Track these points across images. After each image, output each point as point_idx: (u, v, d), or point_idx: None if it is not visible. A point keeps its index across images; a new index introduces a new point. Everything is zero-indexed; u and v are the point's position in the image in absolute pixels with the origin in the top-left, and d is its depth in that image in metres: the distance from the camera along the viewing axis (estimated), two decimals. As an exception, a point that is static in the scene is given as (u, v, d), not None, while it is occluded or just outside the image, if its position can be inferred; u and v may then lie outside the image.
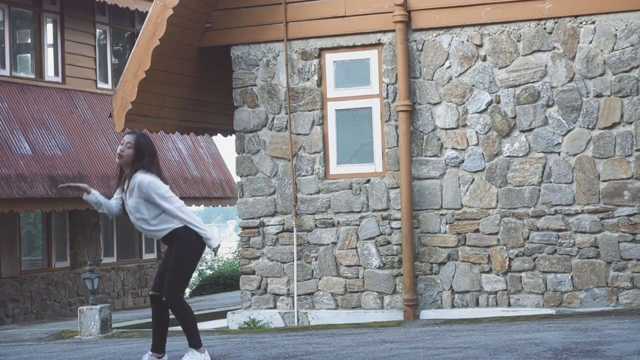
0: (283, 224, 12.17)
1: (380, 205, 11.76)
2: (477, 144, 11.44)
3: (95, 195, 7.73)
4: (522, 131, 11.27)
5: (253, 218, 12.33)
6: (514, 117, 11.31)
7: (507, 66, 11.35)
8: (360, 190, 11.84)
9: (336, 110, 12.05)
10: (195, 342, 7.57)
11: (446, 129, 11.55)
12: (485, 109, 11.42)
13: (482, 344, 7.95)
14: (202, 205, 23.64)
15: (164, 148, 21.86)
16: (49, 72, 20.18)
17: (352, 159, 12.01)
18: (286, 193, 12.17)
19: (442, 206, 11.55)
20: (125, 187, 7.62)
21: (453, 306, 11.45)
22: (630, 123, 10.90)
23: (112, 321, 12.42)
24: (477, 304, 11.37)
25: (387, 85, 11.76)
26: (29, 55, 20.20)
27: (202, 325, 14.05)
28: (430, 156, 11.60)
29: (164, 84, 12.54)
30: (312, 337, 9.62)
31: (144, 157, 7.57)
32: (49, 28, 20.29)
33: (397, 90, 11.66)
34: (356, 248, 11.86)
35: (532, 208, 11.20)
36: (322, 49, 12.11)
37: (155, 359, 7.64)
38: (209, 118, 14.33)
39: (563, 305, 11.05)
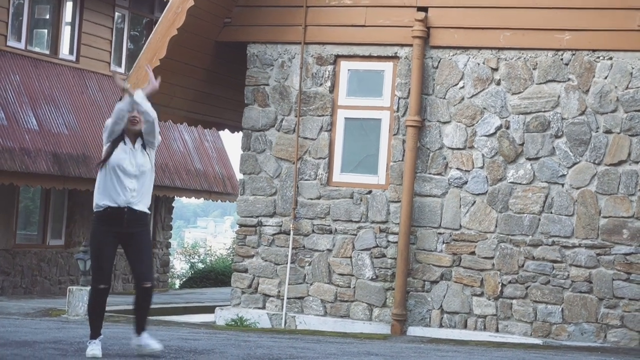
0: (281, 226, 12.17)
1: (379, 217, 11.76)
2: (482, 167, 11.43)
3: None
4: (528, 159, 11.27)
5: (251, 217, 12.33)
6: (522, 144, 11.30)
7: (520, 92, 11.35)
8: (361, 200, 11.84)
9: (345, 118, 12.05)
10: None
11: (453, 149, 11.55)
12: (494, 133, 11.41)
13: (467, 367, 7.94)
14: (202, 199, 23.65)
15: (169, 137, 21.88)
16: (64, 49, 20.20)
17: (356, 169, 12.01)
18: (287, 195, 12.17)
19: (440, 225, 11.54)
20: (134, 144, 7.62)
21: (441, 326, 11.44)
22: (637, 162, 10.89)
23: (100, 304, 12.39)
24: (465, 326, 11.36)
25: (399, 99, 11.77)
26: (45, 31, 20.22)
27: (189, 318, 14.06)
28: (434, 174, 11.60)
29: (177, 74, 12.55)
30: (298, 342, 9.62)
31: None
32: (69, 6, 20.31)
33: (408, 105, 11.66)
34: (351, 257, 11.85)
35: (530, 236, 11.20)
36: (338, 56, 12.12)
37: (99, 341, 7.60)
38: (218, 113, 14.34)
39: (551, 336, 11.04)
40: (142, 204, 7.58)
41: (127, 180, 7.53)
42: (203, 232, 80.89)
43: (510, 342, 10.89)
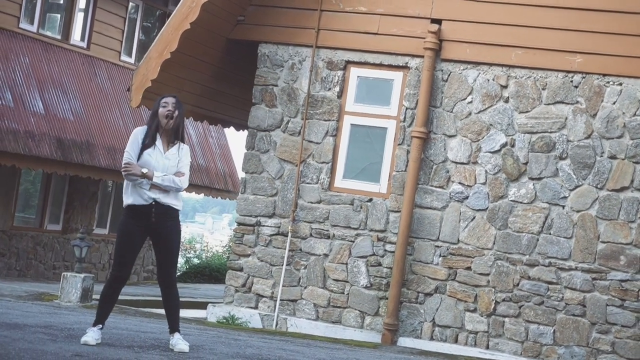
0: (279, 227, 12.17)
1: (378, 225, 11.75)
2: (484, 183, 11.43)
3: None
4: (531, 178, 11.26)
5: (250, 216, 12.32)
6: (526, 163, 11.30)
7: (527, 112, 11.35)
8: (361, 207, 11.83)
9: (352, 124, 12.05)
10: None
11: (456, 163, 11.54)
12: (499, 150, 11.41)
13: (455, 381, 7.93)
14: (202, 194, 23.66)
15: (174, 131, 21.84)
16: (76, 36, 20.23)
17: (358, 175, 12.01)
18: (287, 197, 12.16)
19: (438, 238, 11.53)
20: (163, 148, 7.66)
21: (432, 338, 11.43)
22: (639, 190, 10.89)
23: (93, 292, 12.41)
24: (456, 341, 11.35)
25: (407, 109, 11.76)
26: (58, 15, 20.25)
27: (180, 313, 14.03)
28: (436, 186, 11.59)
29: (187, 68, 12.56)
30: (288, 344, 9.61)
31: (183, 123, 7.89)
32: (83, -8, 20.34)
33: (415, 115, 11.66)
34: (347, 264, 11.84)
35: (527, 256, 11.19)
36: (348, 62, 12.11)
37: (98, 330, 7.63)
38: (225, 110, 14.35)
39: (540, 357, 11.02)
40: (170, 199, 7.62)
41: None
42: (200, 227, 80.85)
43: (500, 359, 10.89)
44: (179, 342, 7.65)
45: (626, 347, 10.76)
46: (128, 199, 7.63)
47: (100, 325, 7.60)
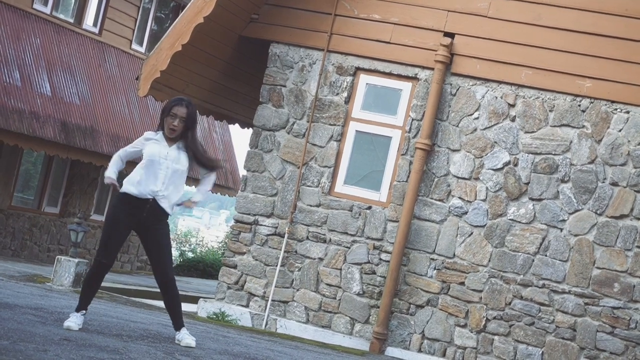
0: (276, 228, 12.16)
1: (375, 234, 11.75)
2: (484, 200, 11.42)
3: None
4: (532, 199, 11.26)
5: (249, 214, 12.32)
6: (527, 183, 11.30)
7: (533, 132, 11.35)
8: (360, 214, 11.83)
9: (357, 131, 12.05)
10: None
11: (458, 177, 11.54)
12: (501, 168, 11.41)
13: (440, 395, 7.92)
14: (202, 188, 23.61)
15: (179, 123, 21.86)
16: (88, 20, 20.23)
17: (359, 182, 12.00)
18: (287, 198, 12.16)
19: (434, 251, 11.53)
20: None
21: (420, 350, 11.42)
22: (639, 219, 10.88)
23: (85, 278, 12.39)
24: (443, 355, 11.34)
25: (412, 120, 11.76)
26: (72, -1, 20.26)
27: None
28: (436, 199, 11.59)
29: (197, 61, 12.56)
30: (276, 345, 9.61)
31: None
32: (99, -22, 20.35)
33: (421, 127, 11.66)
34: (341, 269, 11.84)
35: (522, 276, 11.18)
36: (358, 68, 12.12)
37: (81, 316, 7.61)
38: (232, 106, 14.36)
39: (527, 378, 11.02)
40: (166, 203, 7.61)
41: (159, 172, 7.54)
42: (197, 222, 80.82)
43: (486, 377, 10.88)
44: (185, 337, 7.67)
45: (613, 374, 10.75)
46: (129, 187, 7.56)
47: (84, 311, 7.58)
